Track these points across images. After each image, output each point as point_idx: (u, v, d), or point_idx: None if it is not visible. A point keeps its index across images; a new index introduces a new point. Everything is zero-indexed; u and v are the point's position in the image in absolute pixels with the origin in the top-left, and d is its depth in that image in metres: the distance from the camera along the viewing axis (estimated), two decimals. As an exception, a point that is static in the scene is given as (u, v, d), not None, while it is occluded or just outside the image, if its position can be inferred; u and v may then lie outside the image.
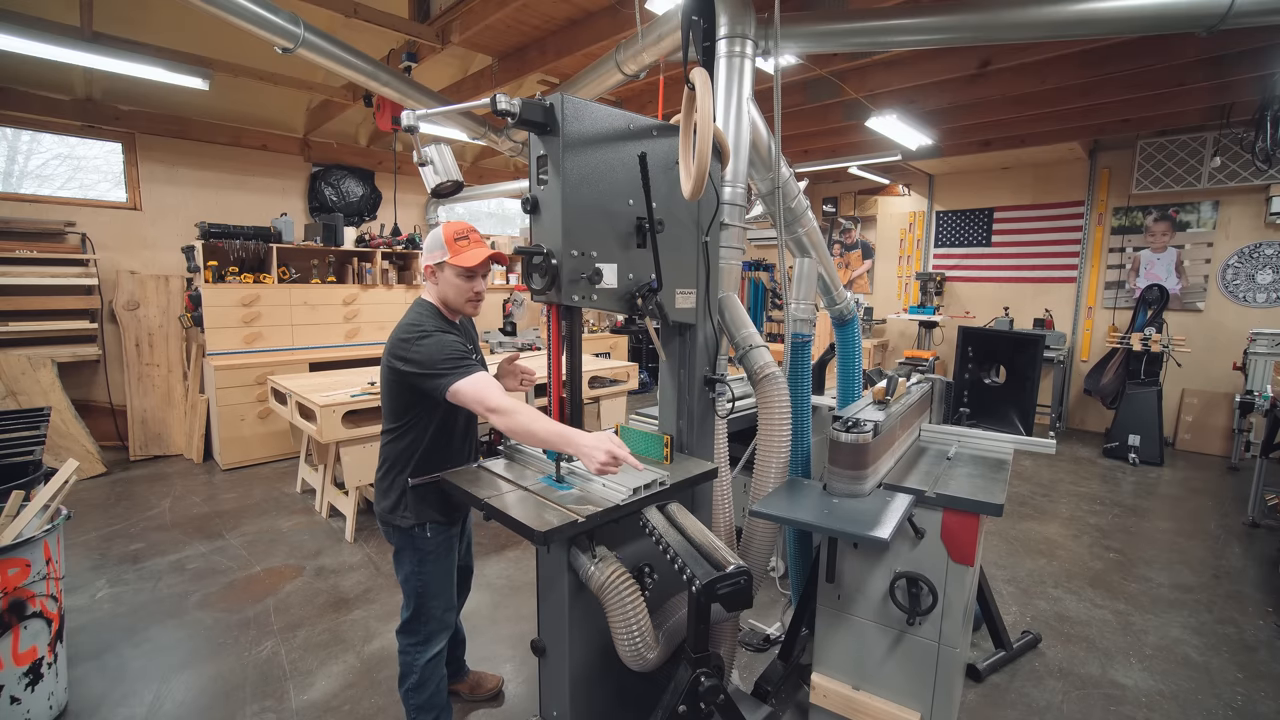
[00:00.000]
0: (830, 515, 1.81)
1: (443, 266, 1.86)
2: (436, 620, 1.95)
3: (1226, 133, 5.63)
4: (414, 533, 1.90)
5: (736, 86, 2.18)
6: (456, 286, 1.87)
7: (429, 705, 1.98)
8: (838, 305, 3.18)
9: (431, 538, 1.91)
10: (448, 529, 1.95)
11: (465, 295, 1.89)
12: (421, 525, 1.90)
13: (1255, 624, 3.03)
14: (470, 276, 1.87)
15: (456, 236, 1.85)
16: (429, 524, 1.90)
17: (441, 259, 1.84)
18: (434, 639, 1.96)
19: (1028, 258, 7.17)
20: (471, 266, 1.83)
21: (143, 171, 5.52)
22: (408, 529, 1.90)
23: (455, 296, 1.89)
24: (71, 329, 5.00)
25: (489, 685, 2.44)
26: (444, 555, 1.95)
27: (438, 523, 1.91)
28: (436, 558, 1.93)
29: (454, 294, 1.88)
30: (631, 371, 5.13)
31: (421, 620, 1.94)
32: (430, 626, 1.95)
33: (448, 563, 1.97)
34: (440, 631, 1.97)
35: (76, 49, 3.65)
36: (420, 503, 1.89)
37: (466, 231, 1.88)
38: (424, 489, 1.89)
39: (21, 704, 2.12)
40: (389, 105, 4.60)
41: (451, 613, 2.00)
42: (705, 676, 1.56)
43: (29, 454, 2.62)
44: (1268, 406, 4.14)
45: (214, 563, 3.48)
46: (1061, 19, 2.40)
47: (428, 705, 1.98)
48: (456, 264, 1.83)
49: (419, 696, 1.96)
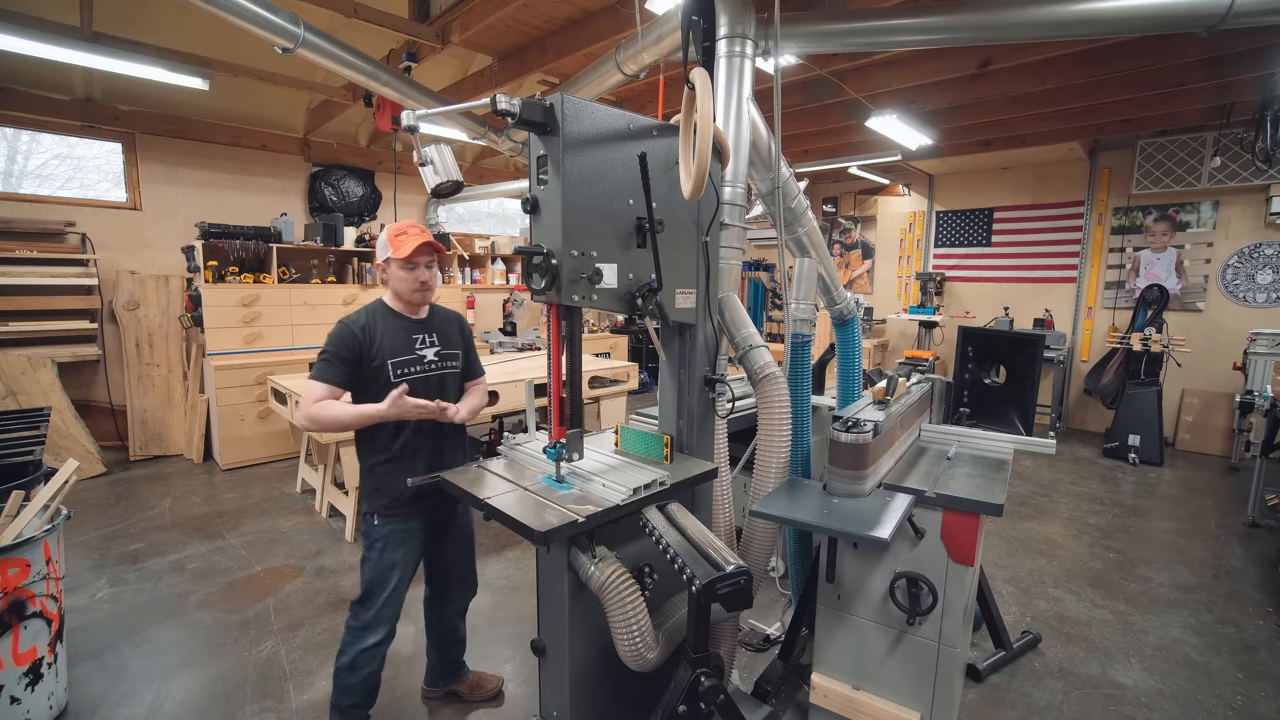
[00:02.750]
0: (830, 515, 1.81)
1: (389, 263, 2.00)
2: (374, 612, 1.98)
3: (1226, 133, 5.63)
4: (365, 519, 2.04)
5: (736, 86, 2.18)
6: (402, 278, 2.00)
7: (352, 689, 2.01)
8: (838, 305, 3.18)
9: (378, 525, 2.01)
10: (396, 523, 2.01)
11: (411, 285, 2.01)
12: (370, 513, 2.02)
13: (1255, 624, 3.03)
14: (411, 267, 1.99)
15: (397, 234, 1.98)
16: (375, 513, 2.01)
17: (387, 255, 1.98)
18: (372, 629, 1.98)
19: (1028, 258, 7.17)
20: (406, 256, 1.95)
21: (143, 171, 5.52)
22: (361, 514, 2.03)
23: (403, 288, 2.01)
24: (71, 329, 5.00)
25: (489, 685, 2.44)
26: (390, 548, 2.00)
27: (385, 514, 2.00)
28: (381, 548, 2.00)
29: (402, 286, 2.01)
30: (631, 371, 5.13)
31: (364, 605, 2.00)
32: (369, 615, 1.98)
33: (393, 556, 2.00)
34: (378, 625, 1.99)
35: (76, 49, 3.65)
36: (372, 492, 2.02)
37: (405, 228, 2.00)
38: (378, 477, 2.00)
39: (21, 704, 2.12)
40: (389, 105, 4.59)
41: (389, 610, 2.00)
42: (705, 676, 1.56)
43: (29, 454, 2.62)
44: (1268, 406, 4.14)
45: (214, 563, 3.48)
46: (1061, 19, 2.40)
47: (351, 689, 2.01)
48: (397, 257, 1.96)
49: (346, 677, 2.01)
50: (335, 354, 1.92)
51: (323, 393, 1.91)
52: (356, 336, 1.94)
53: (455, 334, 2.19)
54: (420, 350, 2.06)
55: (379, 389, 1.95)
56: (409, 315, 2.07)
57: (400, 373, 2.00)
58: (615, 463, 1.82)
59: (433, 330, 2.10)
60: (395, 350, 2.00)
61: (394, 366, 1.99)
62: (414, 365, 2.04)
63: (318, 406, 1.89)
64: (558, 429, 1.69)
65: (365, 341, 1.95)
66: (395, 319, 2.04)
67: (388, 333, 2.00)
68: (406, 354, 2.03)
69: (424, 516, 2.08)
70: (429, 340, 2.08)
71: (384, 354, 1.98)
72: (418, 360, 2.05)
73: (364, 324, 1.97)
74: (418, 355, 2.05)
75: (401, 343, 2.02)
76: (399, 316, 2.05)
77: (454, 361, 2.16)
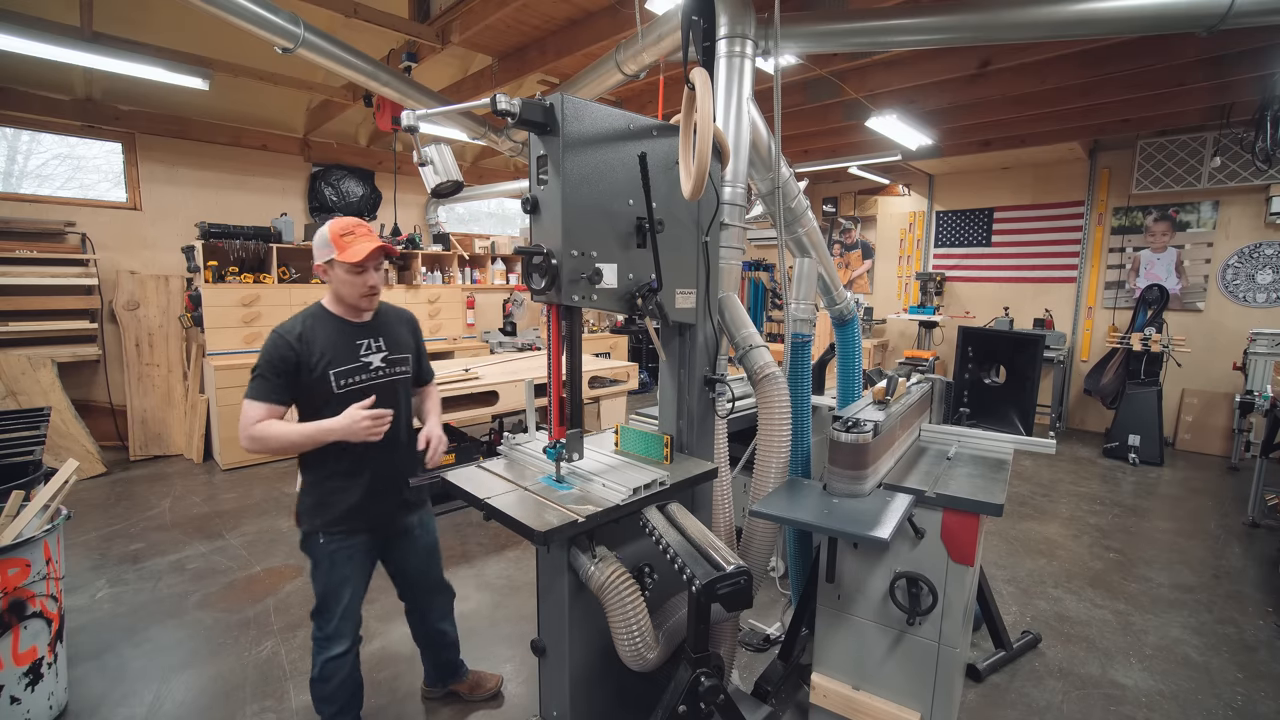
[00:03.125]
0: (830, 515, 1.81)
1: (332, 264, 1.85)
2: (334, 626, 1.93)
3: (1226, 133, 5.63)
4: (308, 540, 1.93)
5: (736, 86, 2.18)
6: (348, 283, 1.86)
7: (330, 698, 1.99)
8: (838, 305, 3.18)
9: (323, 544, 1.90)
10: (341, 539, 1.91)
11: (359, 290, 1.88)
12: (314, 534, 1.91)
13: (1255, 624, 3.03)
14: (360, 271, 1.86)
15: (342, 233, 1.84)
16: (319, 531, 1.90)
17: (330, 256, 1.84)
18: (335, 640, 1.94)
19: (1028, 258, 7.17)
20: (359, 261, 1.82)
21: (143, 171, 5.52)
22: (304, 535, 1.92)
23: (349, 293, 1.88)
24: (71, 329, 5.00)
25: (489, 685, 2.44)
26: (337, 564, 1.91)
27: (329, 531, 1.90)
28: (329, 566, 1.91)
29: (347, 290, 1.87)
30: (631, 371, 5.13)
31: (323, 618, 1.94)
32: (329, 629, 1.93)
33: (342, 572, 1.92)
34: (340, 636, 1.94)
35: (76, 49, 3.65)
36: (314, 508, 1.91)
37: (352, 227, 1.87)
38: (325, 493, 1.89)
39: (21, 704, 2.12)
40: (389, 105, 4.60)
41: (347, 622, 1.94)
42: (705, 676, 1.56)
43: (29, 454, 2.63)
44: (1268, 406, 4.14)
45: (214, 563, 3.48)
46: (1061, 19, 2.40)
47: (329, 698, 1.99)
48: (344, 260, 1.82)
49: (320, 688, 1.98)
50: (269, 368, 1.78)
51: (261, 413, 1.77)
52: (292, 346, 1.80)
53: (405, 335, 2.06)
54: (365, 356, 1.92)
55: (323, 403, 1.84)
56: (351, 319, 1.93)
57: (345, 383, 1.87)
58: (615, 463, 1.82)
59: (378, 334, 1.96)
60: (338, 358, 1.86)
61: (336, 376, 1.85)
62: (359, 374, 1.90)
63: (259, 428, 1.76)
64: (558, 429, 1.69)
65: (302, 351, 1.81)
66: (336, 323, 1.90)
67: (328, 339, 1.86)
68: (350, 361, 1.88)
69: (370, 530, 1.98)
70: (375, 345, 1.95)
71: (325, 363, 1.83)
72: (363, 368, 1.91)
73: (300, 332, 1.83)
74: (363, 362, 1.91)
75: (344, 349, 1.88)
76: (340, 320, 1.91)
77: (403, 367, 2.03)
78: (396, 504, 2.03)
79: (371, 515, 1.96)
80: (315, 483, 1.91)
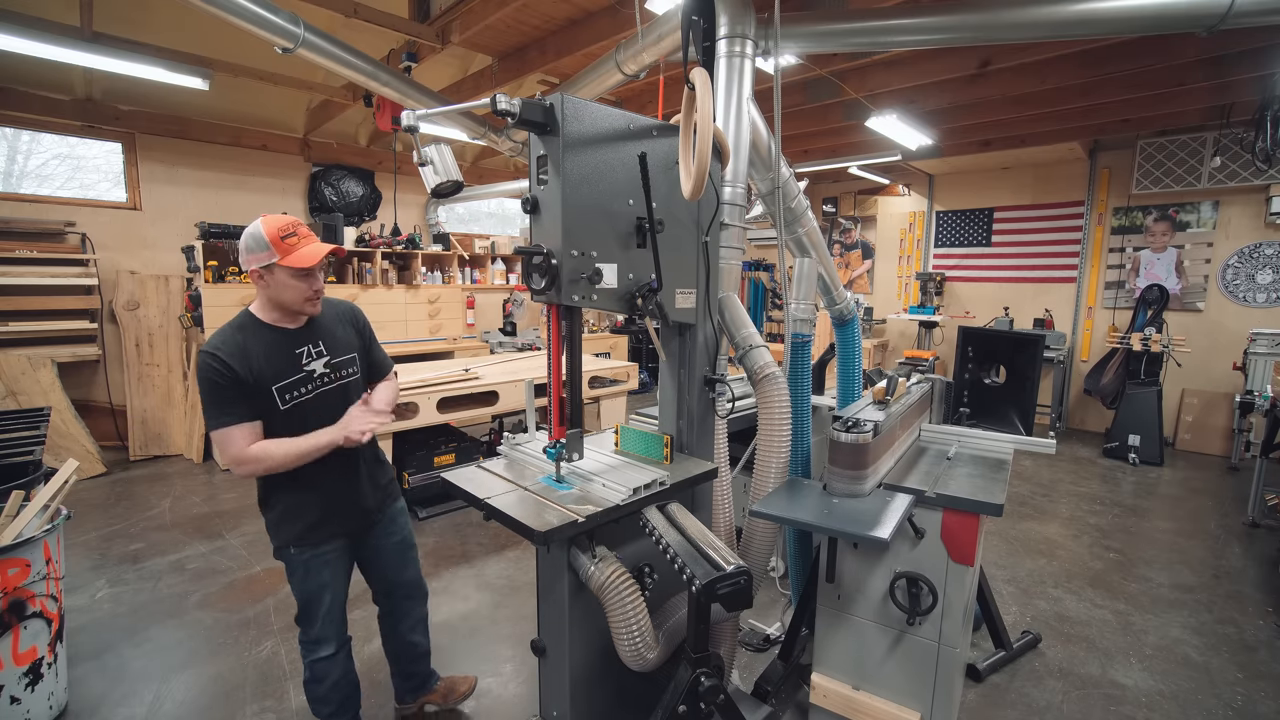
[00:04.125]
0: (830, 515, 1.81)
1: (272, 269, 1.71)
2: (318, 629, 1.92)
3: (1226, 133, 5.63)
4: (281, 552, 1.90)
5: (736, 86, 2.18)
6: (293, 288, 1.74)
7: (325, 699, 1.99)
8: (838, 305, 3.18)
9: (295, 554, 1.88)
10: (313, 548, 1.88)
11: (304, 295, 1.77)
12: (285, 546, 1.88)
13: (1255, 624, 3.03)
14: (307, 275, 1.74)
15: (283, 234, 1.71)
16: (291, 545, 1.87)
17: (269, 260, 1.70)
18: (321, 644, 1.93)
19: (1028, 258, 7.17)
20: (309, 267, 1.72)
21: (143, 171, 5.52)
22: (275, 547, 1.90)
23: (293, 298, 1.76)
24: (71, 329, 5.01)
25: (461, 689, 2.36)
26: (313, 572, 1.89)
27: (300, 543, 1.87)
28: (304, 574, 1.89)
29: (291, 295, 1.75)
30: (631, 371, 5.13)
31: (307, 623, 1.93)
32: (314, 633, 1.93)
33: (320, 579, 1.90)
34: (326, 639, 1.93)
35: (76, 49, 3.65)
36: (282, 520, 1.87)
37: (293, 226, 1.74)
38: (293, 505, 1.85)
39: (21, 704, 2.12)
40: (389, 105, 4.60)
41: (331, 625, 1.93)
42: (705, 676, 1.56)
43: (29, 454, 2.63)
44: (1268, 406, 4.14)
45: (214, 563, 3.48)
46: (1061, 19, 2.40)
47: (324, 699, 1.98)
48: (290, 264, 1.70)
49: (314, 689, 1.98)
50: (222, 392, 1.66)
51: (241, 436, 1.68)
52: (228, 364, 1.66)
53: (348, 334, 1.94)
54: (308, 365, 1.81)
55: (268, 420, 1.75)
56: (287, 324, 1.80)
57: (289, 397, 1.76)
58: (615, 463, 1.82)
59: (317, 338, 1.84)
60: (278, 372, 1.75)
61: (280, 392, 1.75)
62: (303, 385, 1.79)
63: (254, 450, 1.68)
64: (558, 429, 1.69)
65: (239, 367, 1.68)
66: (270, 334, 1.76)
67: (264, 352, 1.73)
68: (292, 373, 1.77)
69: (343, 534, 1.95)
70: (315, 351, 1.83)
71: (265, 379, 1.72)
72: (306, 379, 1.80)
73: (233, 348, 1.69)
74: (305, 372, 1.80)
75: (283, 362, 1.77)
76: (274, 330, 1.77)
77: (350, 369, 1.92)
78: (361, 508, 1.99)
79: (336, 522, 1.92)
80: (276, 497, 1.85)
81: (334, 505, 1.91)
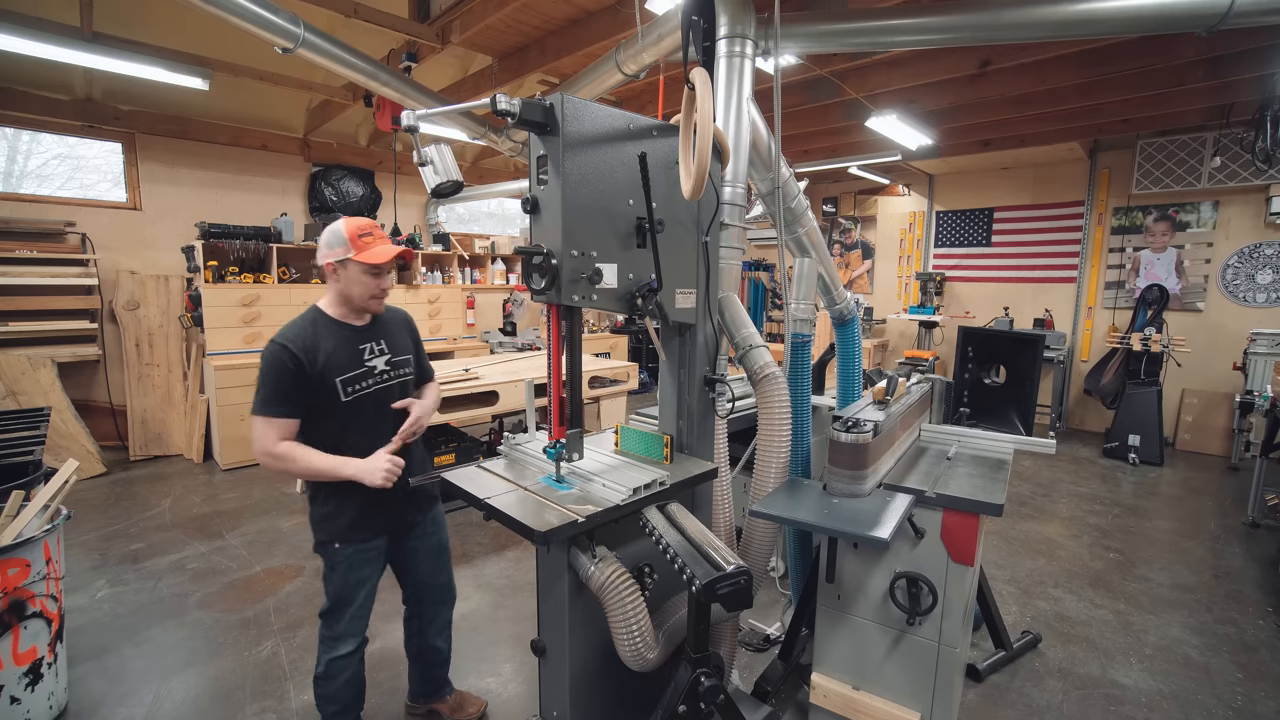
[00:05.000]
0: (830, 515, 1.81)
1: (346, 264, 1.83)
2: (344, 626, 1.95)
3: (1226, 133, 5.63)
4: (324, 547, 1.93)
5: (736, 86, 2.18)
6: (363, 283, 1.85)
7: (334, 698, 1.99)
8: (838, 305, 3.18)
9: (339, 549, 1.91)
10: (358, 544, 1.93)
11: (370, 292, 1.87)
12: (330, 542, 1.91)
13: (1255, 624, 3.03)
14: (377, 273, 1.86)
15: (360, 233, 1.83)
16: (336, 540, 1.91)
17: (344, 256, 1.82)
18: (343, 641, 1.95)
19: (1028, 258, 7.17)
20: (380, 263, 1.83)
21: (143, 171, 5.52)
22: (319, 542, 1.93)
23: (360, 293, 1.86)
24: (71, 329, 5.01)
25: (471, 709, 2.35)
26: (354, 568, 1.93)
27: (345, 538, 1.91)
28: (345, 569, 1.92)
29: (359, 291, 1.86)
30: (631, 371, 5.13)
31: (334, 618, 1.95)
32: (339, 629, 1.95)
33: (358, 575, 1.94)
34: (349, 636, 1.96)
35: (76, 49, 3.65)
36: (328, 517, 1.90)
37: (370, 228, 1.86)
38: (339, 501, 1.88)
39: (21, 704, 2.12)
40: (389, 105, 4.60)
41: (358, 622, 1.96)
42: (705, 676, 1.56)
43: (29, 454, 2.63)
44: (1268, 406, 4.14)
45: (214, 563, 3.48)
46: (1061, 19, 2.40)
47: (333, 697, 1.99)
48: (363, 260, 1.81)
49: (324, 685, 1.98)
50: (274, 382, 1.75)
51: (276, 431, 1.75)
52: (296, 357, 1.76)
53: (404, 338, 2.04)
54: (369, 361, 1.90)
55: (329, 411, 1.83)
56: (353, 322, 1.90)
57: (351, 390, 1.85)
58: (615, 463, 1.82)
59: (380, 337, 1.94)
60: (343, 365, 1.84)
61: (343, 384, 1.84)
62: (364, 380, 1.89)
63: (281, 449, 1.76)
64: (558, 429, 1.68)
65: (306, 359, 1.77)
66: (338, 328, 1.87)
67: (331, 345, 1.83)
68: (355, 367, 1.87)
69: (386, 532, 2.00)
70: (377, 349, 1.93)
71: (331, 370, 1.81)
72: (368, 374, 1.90)
73: (301, 343, 1.78)
74: (367, 368, 1.90)
75: (348, 355, 1.86)
76: (341, 325, 1.88)
77: (406, 369, 2.02)
78: (406, 507, 2.04)
79: (380, 520, 1.97)
80: (325, 493, 1.90)
81: (381, 502, 1.93)
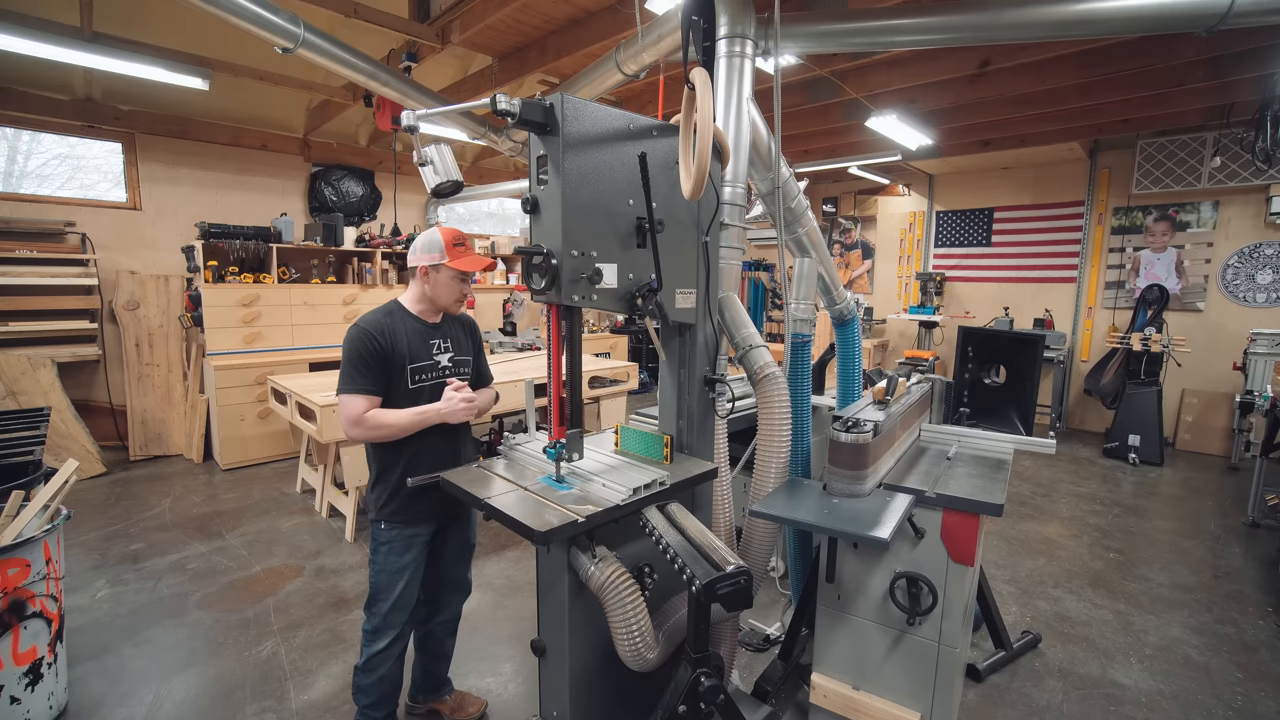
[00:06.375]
0: (830, 515, 1.81)
1: (439, 269, 1.98)
2: (381, 616, 2.00)
3: (1226, 133, 5.63)
4: (372, 524, 2.04)
5: (736, 86, 2.18)
6: (450, 288, 2.02)
7: (368, 690, 2.03)
8: (838, 305, 3.18)
9: (385, 529, 2.01)
10: (404, 527, 2.01)
11: (456, 296, 2.04)
12: (377, 521, 2.02)
13: (1255, 624, 3.03)
14: (465, 280, 2.03)
15: (455, 242, 1.99)
16: (383, 520, 2.02)
17: (439, 261, 1.97)
18: (381, 633, 2.01)
19: (1028, 258, 7.17)
20: (470, 271, 1.99)
21: (143, 171, 5.52)
22: (368, 519, 2.04)
23: (447, 296, 2.03)
24: (71, 329, 5.00)
25: (471, 710, 2.36)
26: (396, 553, 2.00)
27: (393, 520, 2.01)
28: (388, 552, 2.00)
29: (446, 294, 2.02)
30: (631, 371, 5.13)
31: (374, 609, 2.01)
32: (377, 620, 2.00)
33: (399, 562, 2.00)
34: (386, 629, 2.01)
35: (76, 49, 3.65)
36: (380, 501, 2.01)
37: (463, 238, 2.02)
38: (384, 487, 2.00)
39: (21, 704, 2.12)
40: (389, 105, 4.60)
41: (398, 614, 2.02)
42: (705, 676, 1.56)
43: (29, 454, 2.62)
44: (1268, 406, 4.14)
45: (214, 563, 3.48)
46: (1061, 19, 2.40)
47: (368, 689, 2.03)
48: (458, 267, 1.97)
49: (361, 677, 2.04)
50: (363, 363, 1.90)
51: (363, 404, 1.89)
52: (376, 339, 1.92)
53: (465, 339, 2.19)
54: (436, 355, 2.06)
55: (392, 395, 1.95)
56: (427, 319, 2.06)
57: (418, 378, 2.00)
58: (615, 463, 1.82)
59: (446, 335, 2.10)
60: (414, 354, 2.00)
61: (412, 372, 1.99)
62: (430, 371, 2.04)
63: (370, 416, 1.89)
64: (558, 429, 1.69)
65: (385, 344, 1.93)
66: (414, 321, 2.03)
67: (408, 336, 1.99)
68: (424, 359, 2.02)
69: (433, 521, 2.08)
70: (444, 345, 2.09)
71: (404, 357, 1.97)
72: (433, 366, 2.05)
73: (381, 328, 1.94)
74: (434, 360, 2.05)
75: (420, 347, 2.02)
76: (416, 319, 2.04)
77: (466, 368, 2.17)
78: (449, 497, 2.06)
79: (427, 505, 2.02)
80: (384, 475, 2.01)
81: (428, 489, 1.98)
